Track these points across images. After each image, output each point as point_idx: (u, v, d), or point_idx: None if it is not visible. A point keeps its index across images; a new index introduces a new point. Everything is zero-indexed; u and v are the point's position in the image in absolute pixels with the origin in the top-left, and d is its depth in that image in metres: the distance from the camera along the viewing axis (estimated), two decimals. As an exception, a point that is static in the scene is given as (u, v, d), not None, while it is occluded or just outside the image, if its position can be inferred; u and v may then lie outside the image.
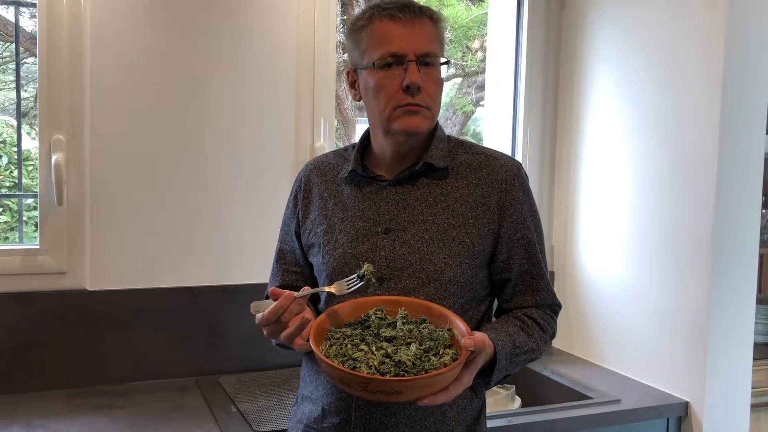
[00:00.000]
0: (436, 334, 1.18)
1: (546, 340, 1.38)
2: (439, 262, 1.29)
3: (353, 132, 4.68)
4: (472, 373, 1.17)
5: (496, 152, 1.40)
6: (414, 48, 1.27)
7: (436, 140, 1.37)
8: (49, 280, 2.00)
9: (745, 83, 2.01)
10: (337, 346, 1.16)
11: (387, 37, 1.28)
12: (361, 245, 1.33)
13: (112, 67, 2.01)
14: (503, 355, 1.25)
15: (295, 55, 2.21)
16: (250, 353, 2.19)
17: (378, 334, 1.18)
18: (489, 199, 1.33)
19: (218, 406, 1.88)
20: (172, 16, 2.06)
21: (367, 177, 1.37)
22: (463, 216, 1.32)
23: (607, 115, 2.39)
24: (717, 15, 1.98)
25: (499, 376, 1.28)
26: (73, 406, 1.87)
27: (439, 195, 1.34)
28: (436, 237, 1.31)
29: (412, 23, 1.28)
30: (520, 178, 1.36)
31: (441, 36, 1.34)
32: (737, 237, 2.04)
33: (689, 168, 2.07)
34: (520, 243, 1.34)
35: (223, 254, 2.16)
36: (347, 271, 1.32)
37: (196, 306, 2.13)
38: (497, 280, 1.38)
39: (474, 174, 1.35)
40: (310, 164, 1.49)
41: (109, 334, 2.04)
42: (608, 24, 2.36)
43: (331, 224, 1.38)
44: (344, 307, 1.25)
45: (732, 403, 2.07)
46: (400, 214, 1.33)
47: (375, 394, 1.08)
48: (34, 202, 3.28)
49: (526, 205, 1.36)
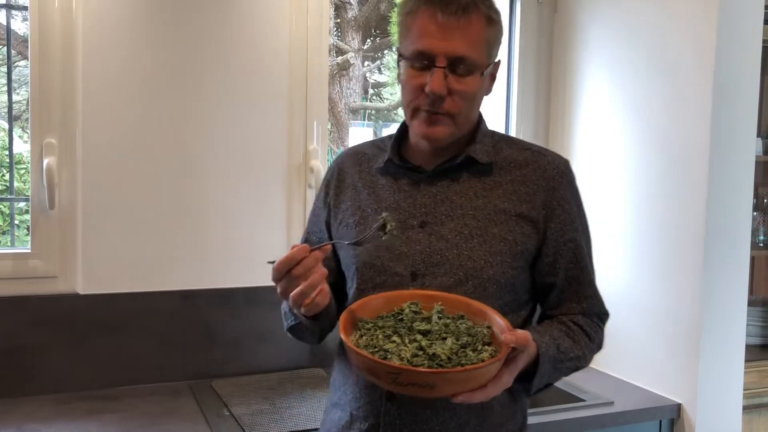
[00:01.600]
0: (475, 330, 1.10)
1: (593, 350, 1.29)
2: (479, 259, 1.20)
3: (346, 135, 4.68)
4: (512, 373, 1.08)
5: (543, 149, 1.32)
6: (447, 50, 1.17)
7: (480, 134, 1.28)
8: (40, 284, 1.99)
9: (736, 85, 2.02)
10: (368, 336, 1.08)
11: (423, 33, 1.18)
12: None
13: (103, 71, 2.01)
14: (546, 358, 1.15)
15: (288, 57, 2.21)
16: (243, 357, 2.19)
17: (411, 327, 1.10)
18: (534, 198, 1.24)
19: (211, 410, 1.87)
20: (164, 20, 2.06)
21: (404, 168, 1.29)
22: (506, 213, 1.23)
23: (598, 117, 2.40)
24: (707, 15, 1.99)
25: (540, 382, 1.18)
26: (64, 411, 1.86)
27: (480, 190, 1.25)
28: (476, 233, 1.22)
29: (455, 22, 1.16)
30: (569, 177, 1.28)
31: (490, 38, 1.21)
32: (729, 239, 2.04)
33: (681, 170, 2.07)
34: (567, 246, 1.25)
35: (216, 257, 2.16)
36: (379, 264, 1.24)
37: (188, 309, 2.13)
38: (541, 285, 1.29)
39: (519, 170, 1.26)
40: (344, 153, 1.41)
41: (101, 338, 2.03)
42: (600, 27, 2.37)
43: (364, 215, 1.30)
44: (376, 299, 1.17)
45: (724, 404, 2.08)
46: (438, 208, 1.25)
47: (406, 387, 0.99)
48: (25, 206, 3.26)
49: (575, 206, 1.28)
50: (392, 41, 4.58)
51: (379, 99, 5.16)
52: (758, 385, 2.48)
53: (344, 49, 4.60)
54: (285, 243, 2.23)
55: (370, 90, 5.10)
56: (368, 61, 5.07)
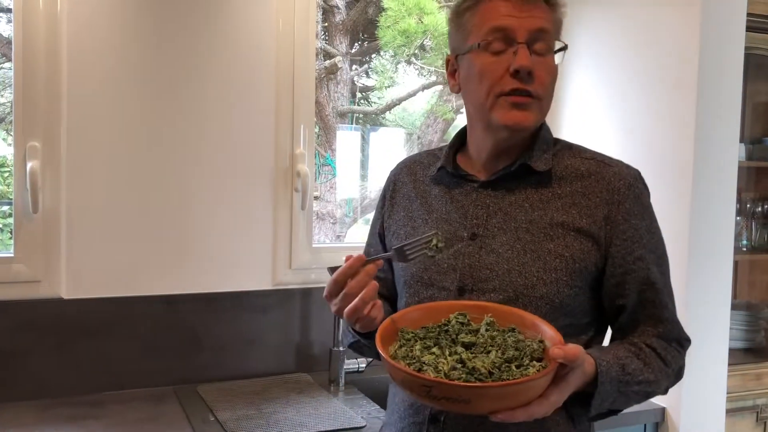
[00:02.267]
0: (524, 344, 1.01)
1: (668, 375, 1.16)
2: (531, 276, 1.12)
3: (334, 138, 4.68)
4: (562, 392, 0.97)
5: (609, 158, 1.21)
6: (526, 25, 1.11)
7: (539, 140, 1.20)
8: (23, 289, 1.97)
9: (719, 91, 2.04)
10: (407, 347, 1.03)
11: (494, 14, 1.12)
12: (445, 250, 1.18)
13: (88, 74, 1.99)
14: (607, 378, 1.05)
15: (275, 61, 2.21)
16: (229, 362, 2.18)
17: (455, 339, 1.04)
18: (596, 211, 1.14)
19: (196, 416, 1.86)
20: (150, 23, 2.05)
21: (457, 176, 1.23)
22: (564, 227, 1.14)
23: (583, 123, 2.41)
24: (691, 23, 2.01)
25: (602, 404, 1.07)
26: (47, 417, 1.84)
27: (536, 201, 1.17)
28: (530, 248, 1.14)
29: (526, 4, 1.12)
30: (637, 189, 1.17)
31: (558, 21, 1.17)
32: (713, 243, 2.06)
33: (665, 175, 2.09)
34: (636, 265, 1.14)
35: (202, 262, 2.15)
36: (426, 278, 1.19)
37: (173, 314, 2.11)
38: (610, 308, 1.18)
39: (580, 181, 1.17)
40: (401, 163, 1.37)
41: (84, 343, 2.01)
42: (585, 34, 2.38)
43: (414, 226, 1.25)
44: (422, 309, 1.11)
45: (708, 408, 2.09)
46: (490, 219, 1.18)
47: (440, 401, 0.93)
48: (8, 210, 3.23)
49: (644, 221, 1.17)
50: (380, 45, 4.58)
51: (367, 103, 5.16)
52: (741, 388, 2.49)
53: (332, 53, 4.60)
54: (271, 247, 2.23)
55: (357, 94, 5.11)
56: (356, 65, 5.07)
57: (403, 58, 4.69)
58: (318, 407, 1.94)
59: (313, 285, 2.27)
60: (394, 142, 4.96)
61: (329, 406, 1.96)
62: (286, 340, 2.25)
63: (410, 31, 4.31)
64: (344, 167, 4.60)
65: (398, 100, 4.75)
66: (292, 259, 2.27)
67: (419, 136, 4.74)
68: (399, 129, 5.09)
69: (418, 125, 4.89)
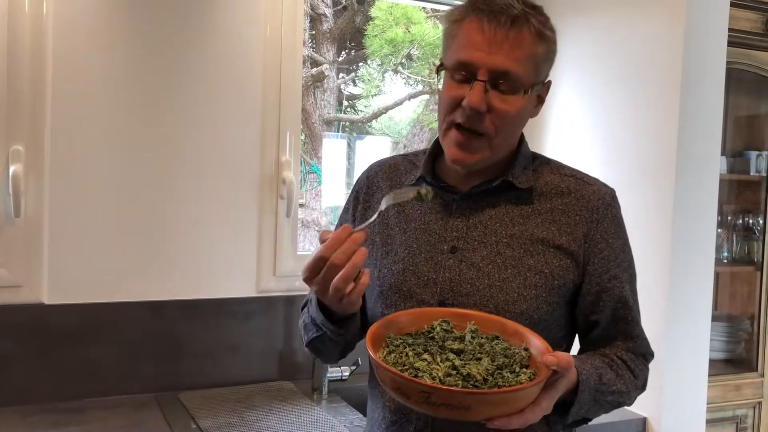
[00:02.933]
0: (512, 351, 1.02)
1: (636, 387, 1.19)
2: (512, 292, 1.12)
3: (320, 146, 4.68)
4: (552, 398, 0.99)
5: (588, 176, 1.23)
6: (490, 64, 1.08)
7: (520, 157, 1.20)
8: (4, 294, 1.95)
9: (701, 105, 2.07)
10: (396, 354, 1.01)
11: (467, 44, 1.10)
12: (424, 263, 1.17)
13: (73, 78, 1.98)
14: (587, 387, 1.07)
15: (262, 68, 2.21)
16: (212, 369, 2.17)
17: (443, 346, 1.03)
18: (575, 229, 1.16)
19: (178, 423, 1.85)
20: (137, 28, 2.05)
21: (437, 187, 1.20)
22: (544, 243, 1.15)
23: (566, 136, 2.43)
24: (674, 37, 2.04)
25: (578, 412, 1.09)
26: (28, 424, 1.82)
27: (517, 216, 1.17)
28: (510, 263, 1.14)
29: (503, 34, 1.08)
30: (614, 209, 1.19)
31: (539, 55, 1.12)
32: (694, 255, 2.08)
33: (647, 188, 2.11)
34: (611, 283, 1.16)
35: (185, 268, 2.14)
36: (405, 290, 1.17)
37: (156, 321, 2.10)
38: (583, 322, 1.20)
39: (560, 198, 1.18)
40: (375, 165, 1.33)
41: (66, 349, 1.99)
42: (569, 47, 2.41)
43: (391, 234, 1.23)
44: (404, 316, 1.10)
45: (688, 418, 2.11)
46: (470, 232, 1.17)
47: (438, 407, 0.92)
48: (-9, 213, 3.20)
49: (620, 240, 1.19)
50: (367, 54, 4.60)
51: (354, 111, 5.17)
52: (722, 399, 2.52)
53: (319, 61, 4.61)
54: (255, 254, 2.22)
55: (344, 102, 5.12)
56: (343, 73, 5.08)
57: (390, 67, 4.72)
58: (301, 415, 1.94)
59: (297, 292, 2.27)
60: (380, 151, 4.98)
61: (312, 414, 1.96)
62: (270, 348, 2.25)
63: (397, 41, 4.34)
64: (330, 175, 4.60)
65: (385, 109, 4.77)
66: (277, 267, 2.26)
67: (405, 144, 4.76)
68: (385, 137, 5.11)
69: (405, 134, 4.91)
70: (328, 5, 4.64)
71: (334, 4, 4.69)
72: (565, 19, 2.41)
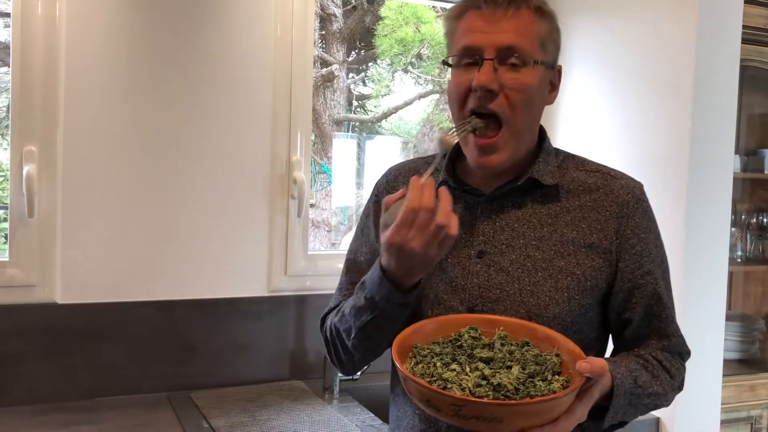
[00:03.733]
0: (543, 358, 0.99)
1: (673, 387, 1.16)
2: (543, 296, 1.09)
3: (330, 146, 4.69)
4: (586, 406, 0.95)
5: (614, 171, 1.19)
6: (494, 41, 1.06)
7: (543, 153, 1.16)
8: (18, 293, 1.96)
9: (714, 103, 2.05)
10: (424, 364, 0.98)
11: (469, 29, 1.08)
12: (451, 268, 1.14)
13: (87, 79, 1.99)
14: (622, 391, 1.03)
15: (273, 68, 2.21)
16: (223, 368, 2.17)
17: (472, 355, 0.99)
18: (606, 226, 1.12)
19: (190, 422, 1.85)
20: (148, 29, 2.06)
21: (459, 190, 1.17)
22: (574, 243, 1.11)
23: (578, 134, 2.42)
24: (686, 35, 2.02)
25: (615, 417, 1.06)
26: (40, 423, 1.83)
27: (545, 216, 1.13)
28: (540, 266, 1.10)
29: (502, 12, 1.06)
30: (644, 203, 1.16)
31: (543, 33, 1.10)
32: (707, 254, 2.07)
33: (660, 187, 2.10)
34: (644, 279, 1.13)
35: (197, 268, 2.14)
36: (432, 296, 1.13)
37: (168, 320, 2.11)
38: (615, 321, 1.16)
39: (588, 195, 1.14)
40: (393, 169, 1.30)
41: (79, 349, 2.00)
42: (581, 45, 2.40)
43: None
44: (431, 324, 1.07)
45: (702, 419, 2.09)
46: (497, 236, 1.13)
47: (469, 420, 0.89)
48: (3, 214, 3.22)
49: (652, 235, 1.15)
50: (377, 54, 4.60)
51: (363, 111, 5.17)
52: (736, 399, 2.50)
53: (329, 61, 4.61)
54: (266, 254, 2.22)
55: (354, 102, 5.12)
56: (353, 73, 5.08)
57: (399, 66, 4.71)
58: (312, 415, 1.94)
59: (308, 292, 2.27)
60: (390, 151, 4.97)
61: (323, 413, 1.96)
62: (281, 347, 2.25)
63: (407, 40, 4.33)
64: (340, 175, 4.60)
65: (394, 109, 4.77)
66: (288, 266, 2.26)
67: (415, 144, 4.75)
68: (395, 137, 5.10)
69: (414, 134, 4.90)
70: (337, 5, 4.64)
71: (344, 4, 4.69)
72: (576, 17, 2.40)
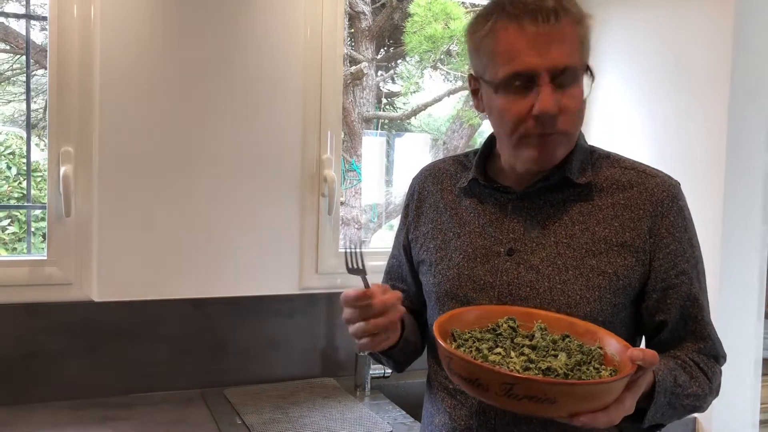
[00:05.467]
0: (587, 348, 0.96)
1: (711, 391, 1.13)
2: (574, 295, 1.08)
3: (359, 144, 4.70)
4: (634, 397, 0.93)
5: (650, 168, 1.17)
6: (548, 64, 1.04)
7: (577, 151, 1.15)
8: (55, 291, 2.00)
9: (751, 99, 2.01)
10: (466, 348, 0.96)
11: (513, 52, 1.04)
12: (480, 266, 1.13)
13: (121, 80, 2.02)
14: (662, 389, 1.01)
15: (303, 67, 2.22)
16: (256, 365, 2.19)
17: (515, 342, 0.98)
18: (640, 224, 1.10)
19: (223, 419, 1.87)
20: (181, 30, 2.08)
21: (490, 188, 1.17)
22: (606, 242, 1.09)
23: (612, 129, 2.39)
24: (723, 28, 1.98)
25: (654, 417, 1.04)
26: (78, 418, 1.87)
27: (576, 214, 1.12)
28: (571, 264, 1.09)
29: (547, 30, 1.03)
30: (680, 201, 1.14)
31: (584, 37, 1.10)
32: (744, 253, 2.03)
33: (696, 182, 2.06)
34: (679, 279, 1.10)
35: (230, 266, 2.16)
36: (461, 295, 1.13)
37: (201, 318, 2.13)
38: (649, 323, 1.14)
39: (622, 193, 1.12)
40: (425, 170, 1.30)
41: (114, 346, 2.04)
42: (614, 39, 2.36)
43: (446, 240, 1.20)
44: (468, 312, 1.05)
45: (740, 419, 2.05)
46: (528, 234, 1.13)
47: (520, 401, 0.85)
48: (41, 213, 3.29)
49: (687, 234, 1.13)
50: (405, 51, 4.59)
51: (392, 108, 5.17)
52: (775, 399, 2.45)
53: (358, 59, 4.62)
54: (298, 252, 2.24)
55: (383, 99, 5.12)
56: (381, 71, 5.09)
57: (428, 63, 4.70)
58: (344, 412, 1.95)
59: (339, 289, 2.27)
60: (420, 148, 4.96)
61: (355, 410, 1.96)
62: (312, 345, 2.26)
63: (436, 37, 4.31)
64: (369, 173, 4.61)
65: (424, 106, 4.76)
66: (319, 264, 2.27)
67: (445, 141, 4.73)
68: (424, 134, 5.09)
69: (444, 131, 4.88)
70: (366, 3, 4.65)
71: (373, 1, 4.70)
72: (609, 12, 2.37)
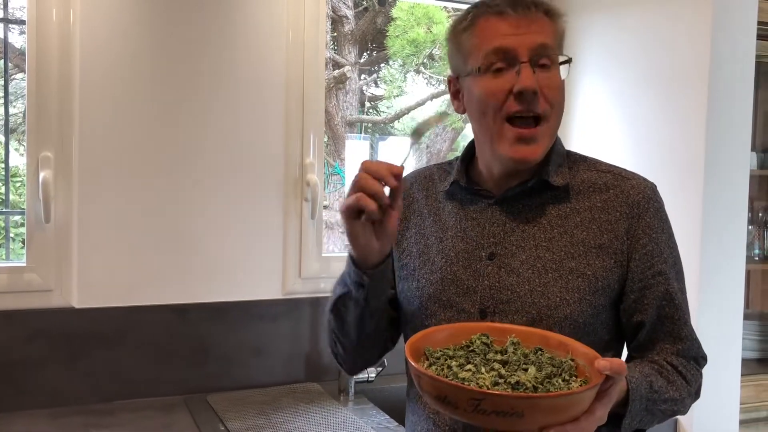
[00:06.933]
0: (558, 361, 0.97)
1: (690, 394, 1.14)
2: (554, 297, 1.09)
3: (343, 148, 4.70)
4: (605, 406, 0.92)
5: (626, 171, 1.19)
6: (526, 42, 1.07)
7: (554, 154, 1.17)
8: (35, 298, 1.98)
9: (730, 100, 2.03)
10: (437, 366, 0.97)
11: (494, 34, 1.08)
12: (462, 270, 1.15)
13: (100, 85, 2.01)
14: (637, 396, 1.02)
15: (285, 71, 2.22)
16: (239, 371, 2.18)
17: (487, 358, 0.98)
18: (617, 226, 1.12)
19: (206, 425, 1.86)
20: (162, 34, 2.07)
21: (470, 192, 1.20)
22: (585, 244, 1.11)
23: (593, 131, 2.41)
24: (701, 31, 2.00)
25: (631, 423, 1.04)
26: (59, 426, 1.84)
27: (555, 218, 1.14)
28: (551, 266, 1.11)
29: (525, 19, 1.08)
30: (656, 203, 1.16)
31: (560, 34, 1.13)
32: (724, 253, 2.05)
33: (675, 184, 2.08)
34: (656, 280, 1.12)
35: (212, 271, 2.15)
36: (445, 299, 1.15)
37: (184, 324, 2.12)
38: (628, 324, 1.15)
39: (599, 195, 1.15)
40: (410, 176, 1.30)
41: (96, 352, 2.02)
42: (595, 42, 2.38)
43: (428, 244, 1.20)
44: (441, 331, 1.05)
45: (721, 419, 2.07)
46: (508, 237, 1.14)
47: (488, 416, 0.86)
48: (21, 219, 3.25)
49: (663, 235, 1.15)
50: (388, 54, 4.60)
51: (376, 112, 5.17)
52: (755, 399, 2.47)
53: (341, 63, 4.62)
54: (281, 256, 2.23)
55: (366, 103, 5.12)
56: (365, 75, 5.09)
57: (411, 67, 4.71)
58: (327, 417, 1.94)
59: (322, 294, 2.27)
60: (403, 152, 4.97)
61: (339, 415, 1.96)
62: (296, 350, 2.25)
63: (419, 41, 4.33)
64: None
65: (407, 109, 4.77)
66: (302, 268, 2.27)
67: (428, 145, 4.74)
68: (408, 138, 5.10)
69: (427, 134, 4.90)
70: (349, 7, 4.65)
71: (356, 5, 4.70)
72: (589, 15, 2.39)
